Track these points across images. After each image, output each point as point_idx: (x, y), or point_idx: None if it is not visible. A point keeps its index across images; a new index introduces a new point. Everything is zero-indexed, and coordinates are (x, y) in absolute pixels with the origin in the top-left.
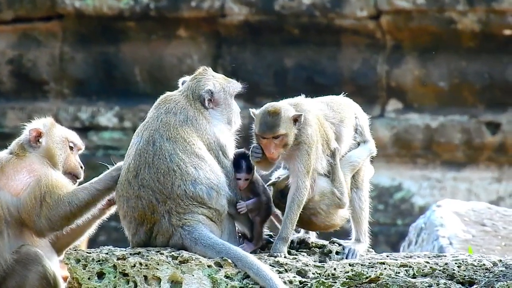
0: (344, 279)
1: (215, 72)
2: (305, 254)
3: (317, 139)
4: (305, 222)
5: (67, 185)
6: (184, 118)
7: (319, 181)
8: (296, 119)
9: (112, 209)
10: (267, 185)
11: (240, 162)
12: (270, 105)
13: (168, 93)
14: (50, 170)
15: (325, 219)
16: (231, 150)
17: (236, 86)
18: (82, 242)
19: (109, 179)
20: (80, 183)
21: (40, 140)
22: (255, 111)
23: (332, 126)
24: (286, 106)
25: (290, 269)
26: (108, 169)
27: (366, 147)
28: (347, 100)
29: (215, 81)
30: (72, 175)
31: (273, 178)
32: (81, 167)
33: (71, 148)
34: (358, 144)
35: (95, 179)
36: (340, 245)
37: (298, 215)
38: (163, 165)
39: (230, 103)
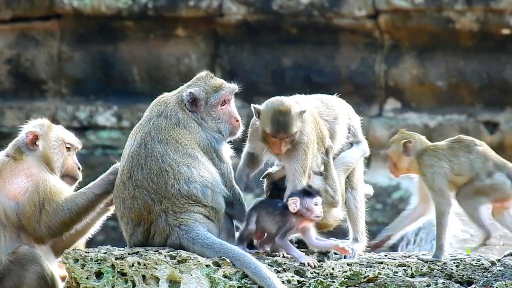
0: (342, 279)
1: (216, 77)
2: (304, 253)
3: (314, 138)
4: None
5: (65, 191)
6: (175, 121)
7: (313, 179)
8: (301, 114)
9: (111, 209)
10: (262, 177)
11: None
12: (279, 103)
13: (164, 94)
14: (47, 175)
15: None
16: (227, 154)
17: (225, 93)
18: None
19: (106, 183)
20: (79, 183)
21: (37, 143)
22: (259, 108)
23: (326, 124)
24: (292, 102)
25: (289, 269)
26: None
27: (359, 147)
28: (340, 100)
29: (203, 87)
30: (70, 177)
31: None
32: (79, 168)
33: (68, 149)
34: (351, 144)
35: (93, 183)
36: None
37: None
38: (155, 166)
39: (214, 113)
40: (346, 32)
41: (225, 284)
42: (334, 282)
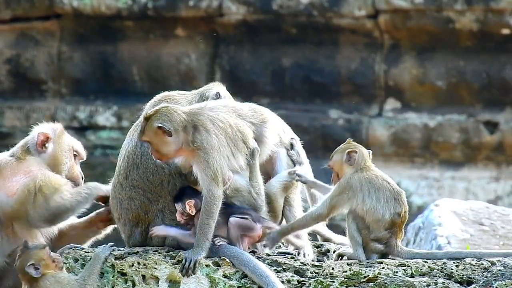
0: (342, 279)
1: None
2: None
3: (221, 142)
4: None
5: (67, 182)
6: None
7: (237, 177)
8: (164, 131)
9: (108, 229)
10: None
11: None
12: (154, 109)
13: (166, 92)
14: (48, 171)
15: None
16: None
17: None
18: None
19: (102, 185)
20: None
21: (46, 145)
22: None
23: (251, 125)
24: (163, 116)
25: (288, 269)
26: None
27: (301, 168)
28: (275, 114)
29: (226, 92)
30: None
31: None
32: (82, 177)
33: (74, 156)
34: (294, 164)
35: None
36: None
37: (213, 224)
38: (151, 164)
39: None
40: (346, 32)
41: (225, 284)
42: (334, 282)
